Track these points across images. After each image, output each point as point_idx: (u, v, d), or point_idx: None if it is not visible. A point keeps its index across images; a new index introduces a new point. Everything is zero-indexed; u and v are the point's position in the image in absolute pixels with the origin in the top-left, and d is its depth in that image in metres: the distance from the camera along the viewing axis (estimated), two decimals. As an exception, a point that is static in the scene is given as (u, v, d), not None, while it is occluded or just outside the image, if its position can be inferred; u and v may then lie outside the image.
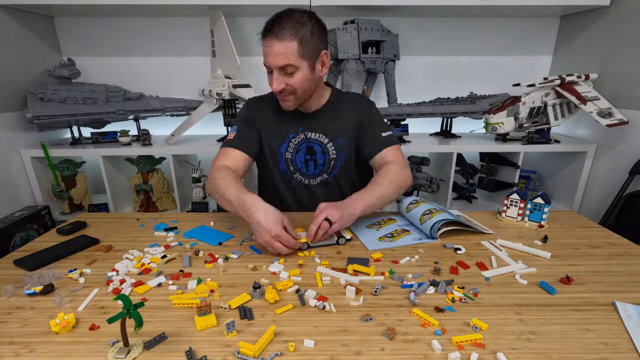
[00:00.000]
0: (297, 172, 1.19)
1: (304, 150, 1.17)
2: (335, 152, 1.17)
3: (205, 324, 0.62)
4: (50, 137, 1.85)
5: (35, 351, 0.57)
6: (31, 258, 0.85)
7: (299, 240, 0.87)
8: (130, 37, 1.88)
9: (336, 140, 1.16)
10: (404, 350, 0.57)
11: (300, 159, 1.18)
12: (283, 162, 1.18)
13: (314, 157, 1.18)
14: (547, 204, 1.00)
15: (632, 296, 0.70)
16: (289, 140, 1.16)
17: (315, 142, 1.16)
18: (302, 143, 1.16)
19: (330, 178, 1.20)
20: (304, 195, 1.23)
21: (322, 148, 1.17)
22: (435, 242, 0.93)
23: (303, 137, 1.16)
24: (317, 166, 1.19)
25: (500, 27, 1.92)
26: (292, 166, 1.18)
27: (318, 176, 1.20)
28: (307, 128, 1.15)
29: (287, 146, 1.16)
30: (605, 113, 1.54)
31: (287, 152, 1.17)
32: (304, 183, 1.21)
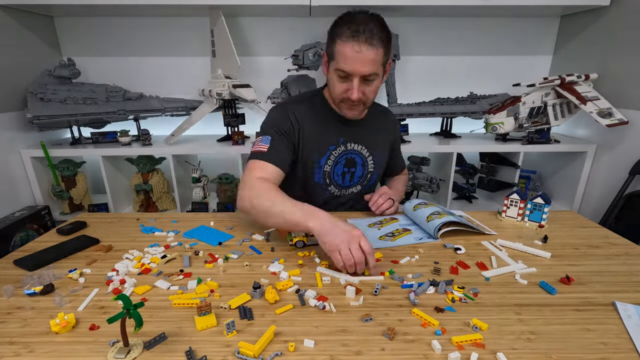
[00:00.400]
0: (332, 184, 1.14)
1: (343, 162, 1.12)
2: (374, 166, 1.16)
3: (205, 324, 0.62)
4: (50, 137, 1.85)
5: (35, 351, 0.57)
6: (31, 258, 0.85)
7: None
8: (130, 37, 1.88)
9: (376, 155, 1.15)
10: (404, 350, 0.57)
11: (339, 171, 1.13)
12: (320, 174, 1.11)
13: (352, 170, 1.14)
14: (547, 204, 1.00)
15: (632, 296, 0.70)
16: (329, 152, 1.09)
17: (356, 154, 1.12)
18: (342, 155, 1.11)
19: (363, 190, 1.18)
20: (331, 205, 1.18)
21: (363, 160, 1.14)
22: (435, 242, 0.93)
23: (344, 149, 1.10)
24: (354, 178, 1.15)
25: (500, 27, 1.92)
26: (328, 178, 1.12)
27: (351, 187, 1.17)
28: (349, 138, 1.10)
29: (326, 159, 1.09)
30: (605, 113, 1.54)
31: (326, 164, 1.10)
32: (335, 194, 1.16)
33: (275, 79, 1.83)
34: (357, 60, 0.89)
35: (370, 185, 1.21)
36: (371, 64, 0.90)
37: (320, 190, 1.14)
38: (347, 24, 0.90)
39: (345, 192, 1.17)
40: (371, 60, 0.89)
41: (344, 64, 0.91)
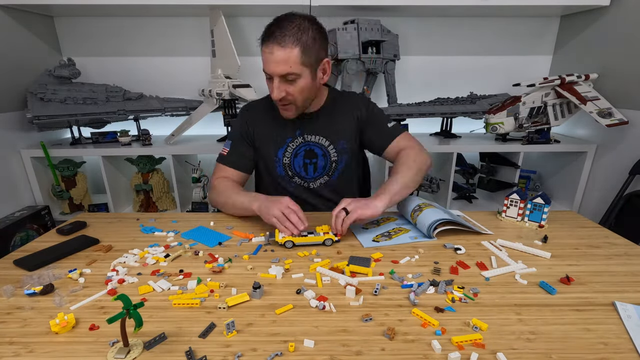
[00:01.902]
0: (295, 176, 1.18)
1: (302, 154, 1.15)
2: (337, 155, 1.16)
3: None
4: (50, 137, 1.86)
5: (35, 351, 0.57)
6: (31, 258, 0.85)
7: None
8: (130, 37, 1.88)
9: (337, 143, 1.15)
10: (404, 350, 0.57)
11: (299, 163, 1.16)
12: (280, 166, 1.16)
13: (313, 161, 1.16)
14: (547, 204, 1.00)
15: (632, 296, 0.70)
16: (287, 145, 1.14)
17: (315, 145, 1.14)
18: (301, 147, 1.14)
19: (333, 179, 1.19)
20: (307, 196, 1.21)
21: (323, 151, 1.15)
22: (436, 242, 0.93)
23: (302, 140, 1.14)
24: (317, 169, 1.17)
25: (500, 27, 1.92)
26: (290, 171, 1.17)
27: (319, 178, 1.19)
28: (306, 131, 1.13)
29: (284, 151, 1.14)
30: (605, 113, 1.54)
31: (284, 157, 1.15)
32: (303, 186, 1.19)
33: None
34: (270, 60, 0.94)
35: (340, 173, 1.18)
36: (284, 64, 0.93)
37: (286, 183, 1.19)
38: (266, 29, 0.95)
39: (314, 183, 1.19)
40: (283, 60, 0.93)
41: (264, 66, 0.98)
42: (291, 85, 0.97)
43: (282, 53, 0.92)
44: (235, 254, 0.87)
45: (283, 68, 0.94)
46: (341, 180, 1.20)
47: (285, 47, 0.92)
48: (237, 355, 0.55)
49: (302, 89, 0.99)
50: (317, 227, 0.95)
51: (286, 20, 0.94)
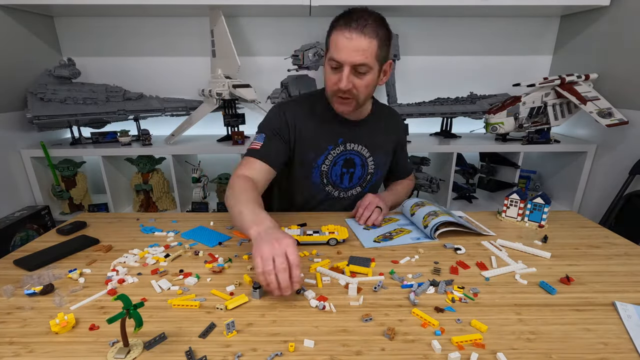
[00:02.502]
0: (330, 184, 1.13)
1: (341, 163, 1.11)
2: (374, 167, 1.15)
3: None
4: (50, 137, 1.86)
5: (35, 351, 0.57)
6: (31, 258, 0.85)
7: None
8: (130, 37, 1.88)
9: (377, 156, 1.14)
10: (404, 350, 0.57)
11: (337, 172, 1.12)
12: (317, 174, 1.10)
13: (350, 170, 1.13)
14: (547, 204, 1.00)
15: (632, 296, 0.70)
16: (328, 152, 1.08)
17: (355, 154, 1.11)
18: (341, 155, 1.10)
19: (364, 191, 1.17)
20: (333, 205, 1.17)
21: (362, 161, 1.12)
22: (436, 242, 0.93)
23: (342, 149, 1.09)
24: (353, 179, 1.14)
25: (500, 27, 1.92)
26: (326, 178, 1.12)
27: (351, 189, 1.16)
28: (348, 138, 1.09)
29: (324, 158, 1.09)
30: (605, 113, 1.54)
31: (323, 164, 1.09)
32: (333, 195, 1.15)
33: (275, 79, 1.83)
34: (348, 47, 0.88)
35: (370, 187, 1.19)
36: (362, 53, 0.89)
37: (317, 190, 1.14)
38: (344, 16, 0.91)
39: (345, 193, 1.16)
40: (362, 49, 0.88)
41: (335, 53, 0.91)
42: (359, 78, 0.93)
43: (362, 41, 0.88)
44: (235, 254, 0.87)
45: (360, 57, 0.89)
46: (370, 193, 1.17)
47: (367, 36, 0.88)
48: (237, 355, 0.55)
49: (367, 84, 0.94)
50: (323, 226, 0.95)
51: (365, 12, 0.91)
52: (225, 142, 1.81)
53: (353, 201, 1.15)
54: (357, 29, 0.87)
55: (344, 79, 0.91)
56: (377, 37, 0.90)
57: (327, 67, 0.95)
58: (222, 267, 0.81)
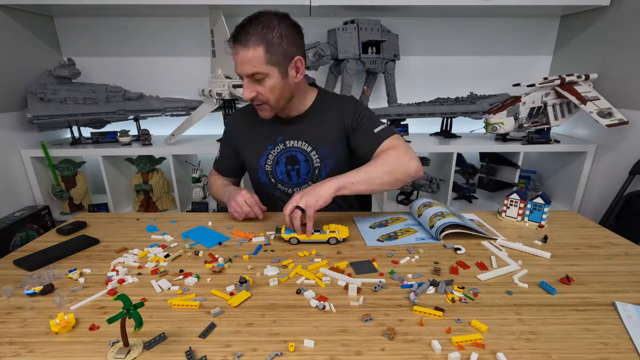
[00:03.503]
0: (279, 183, 1.16)
1: (284, 160, 1.13)
2: (320, 161, 1.12)
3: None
4: (50, 137, 1.86)
5: (35, 351, 0.57)
6: (31, 258, 0.85)
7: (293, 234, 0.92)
8: (130, 37, 1.88)
9: (319, 149, 1.11)
10: (404, 350, 0.57)
11: (281, 170, 1.14)
12: (263, 174, 1.15)
13: (295, 167, 1.13)
14: (547, 204, 1.00)
15: (632, 296, 0.70)
16: (268, 152, 1.13)
17: (297, 151, 1.12)
18: (282, 153, 1.12)
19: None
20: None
21: (306, 156, 1.12)
22: (436, 242, 0.93)
23: (282, 147, 1.12)
24: (301, 175, 1.14)
25: (500, 27, 1.92)
26: (272, 178, 1.15)
27: (303, 184, 1.15)
28: (288, 136, 1.11)
29: (265, 158, 1.13)
30: (605, 113, 1.54)
31: (266, 164, 1.14)
32: (288, 192, 1.17)
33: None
34: (237, 62, 0.95)
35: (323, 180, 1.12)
36: (248, 64, 0.93)
37: (271, 189, 1.18)
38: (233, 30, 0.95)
39: (298, 189, 1.15)
40: (247, 59, 0.93)
41: (235, 68, 0.97)
42: (260, 85, 0.97)
43: (246, 53, 0.92)
44: (235, 254, 0.87)
45: (249, 68, 0.94)
46: None
47: (249, 47, 0.91)
48: (237, 355, 0.55)
49: (272, 88, 0.97)
50: (324, 225, 0.95)
51: (252, 20, 0.93)
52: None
53: None
54: (239, 42, 0.93)
55: (244, 89, 0.98)
56: (263, 43, 0.91)
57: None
58: (222, 267, 0.81)
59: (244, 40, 0.92)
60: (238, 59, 0.94)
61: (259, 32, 0.91)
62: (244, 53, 0.92)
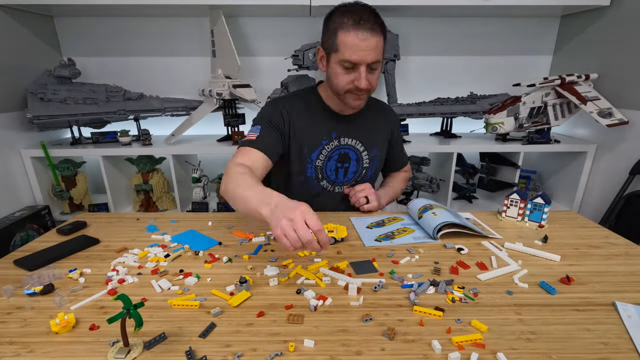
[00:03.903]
0: (324, 179, 1.14)
1: (335, 157, 1.11)
2: (369, 162, 1.15)
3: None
4: (50, 137, 1.86)
5: (35, 351, 0.57)
6: (31, 258, 0.85)
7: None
8: (130, 37, 1.88)
9: (371, 150, 1.14)
10: (404, 350, 0.57)
11: (331, 167, 1.12)
12: (312, 169, 1.11)
13: (345, 165, 1.13)
14: (547, 204, 1.00)
15: (632, 296, 0.70)
16: (322, 147, 1.09)
17: (350, 149, 1.11)
18: (335, 150, 1.10)
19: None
20: (329, 200, 1.17)
21: (357, 155, 1.12)
22: (436, 242, 0.93)
23: (337, 144, 1.10)
24: (348, 174, 1.14)
25: (500, 27, 1.92)
26: (320, 173, 1.12)
27: (345, 184, 1.16)
28: (342, 133, 1.10)
29: (318, 153, 1.09)
30: (605, 113, 1.54)
31: (317, 159, 1.10)
32: (329, 190, 1.16)
33: (275, 79, 1.83)
34: (363, 47, 0.90)
35: (367, 181, 1.19)
36: (375, 51, 0.92)
37: (312, 185, 1.14)
38: (347, 15, 0.91)
39: (339, 188, 1.17)
40: (375, 47, 0.91)
41: (350, 54, 0.91)
42: (372, 73, 0.96)
43: (375, 40, 0.91)
44: (235, 254, 0.87)
45: (374, 56, 0.92)
46: None
47: (377, 35, 0.91)
48: (237, 355, 0.55)
49: (377, 78, 0.98)
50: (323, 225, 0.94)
51: (367, 8, 0.93)
52: (225, 142, 1.81)
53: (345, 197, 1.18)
54: (367, 27, 0.89)
55: (363, 79, 0.93)
56: (383, 34, 0.93)
57: (337, 67, 0.96)
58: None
59: (374, 27, 0.90)
60: (366, 45, 0.90)
61: (380, 22, 0.92)
62: (372, 39, 0.90)
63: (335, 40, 0.93)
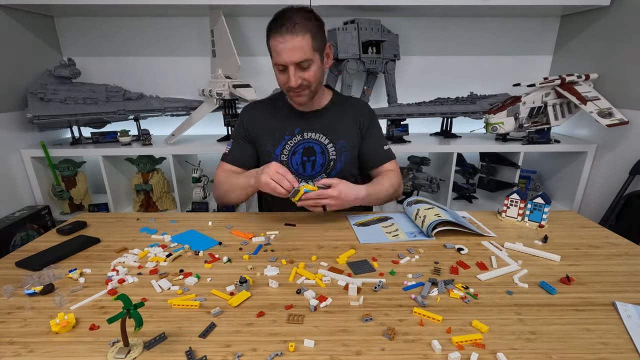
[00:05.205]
0: (293, 173, 1.14)
1: (300, 151, 1.16)
2: (335, 153, 1.16)
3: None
4: (50, 137, 1.86)
5: (35, 351, 0.57)
6: (35, 258, 0.84)
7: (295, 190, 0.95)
8: (130, 37, 1.88)
9: (337, 142, 1.16)
10: (404, 350, 0.57)
11: (297, 161, 1.17)
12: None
13: (311, 158, 1.16)
14: (547, 204, 1.00)
15: (632, 296, 0.70)
16: (285, 142, 1.15)
17: (314, 142, 1.15)
18: (299, 144, 1.15)
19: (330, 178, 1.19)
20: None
21: (322, 148, 1.16)
22: (436, 242, 0.93)
23: (300, 138, 1.15)
24: (315, 167, 1.18)
25: (500, 27, 1.92)
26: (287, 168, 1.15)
27: (316, 176, 1.19)
28: (306, 128, 1.15)
29: (282, 148, 1.15)
30: (605, 113, 1.54)
31: (282, 154, 1.15)
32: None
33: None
34: (285, 50, 0.96)
35: (336, 173, 1.19)
36: (299, 51, 0.96)
37: None
38: (273, 21, 0.98)
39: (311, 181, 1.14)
40: (298, 47, 0.96)
41: (277, 58, 0.99)
42: (305, 71, 1.01)
43: (296, 41, 0.96)
44: (235, 254, 0.87)
45: (299, 55, 0.97)
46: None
47: (298, 35, 0.95)
48: (237, 355, 0.55)
49: (315, 74, 1.02)
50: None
51: (290, 11, 0.98)
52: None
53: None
54: (287, 31, 0.95)
55: (292, 78, 1.00)
56: (308, 31, 0.97)
57: (275, 70, 1.04)
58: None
59: (292, 29, 0.95)
60: (287, 47, 0.96)
61: (304, 22, 0.96)
62: (294, 40, 0.95)
63: (269, 46, 1.01)
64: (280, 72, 1.03)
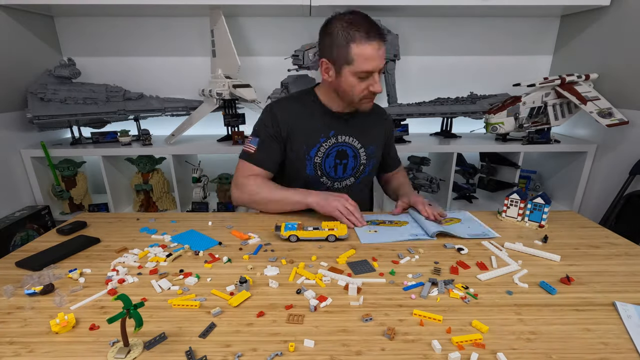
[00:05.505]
0: (324, 176, 1.17)
1: (334, 154, 1.15)
2: (366, 158, 1.18)
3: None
4: (50, 137, 1.86)
5: (35, 351, 0.57)
6: (35, 258, 0.84)
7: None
8: (130, 37, 1.87)
9: (368, 147, 1.18)
10: (404, 350, 0.57)
11: (330, 163, 1.16)
12: (311, 166, 1.14)
13: (344, 162, 1.16)
14: (547, 204, 1.00)
15: (632, 296, 0.70)
16: (320, 144, 1.13)
17: (347, 146, 1.15)
18: (333, 147, 1.14)
19: (357, 182, 1.21)
20: None
21: (355, 152, 1.16)
22: (436, 242, 0.93)
23: (334, 141, 1.14)
24: (347, 170, 1.18)
25: (500, 27, 1.92)
26: (319, 170, 1.16)
27: (345, 180, 1.19)
28: (340, 131, 1.14)
29: (317, 150, 1.13)
30: (605, 113, 1.54)
31: (316, 156, 1.13)
32: (328, 186, 1.19)
33: (275, 79, 1.83)
34: (377, 57, 0.98)
35: (363, 178, 1.22)
36: (384, 57, 1.00)
37: (313, 182, 1.17)
38: (353, 28, 0.96)
39: (339, 184, 1.20)
40: (384, 54, 1.00)
41: (367, 65, 0.98)
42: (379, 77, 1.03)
43: (384, 47, 0.99)
44: (235, 254, 0.87)
45: (384, 60, 1.01)
46: (363, 185, 1.24)
47: (384, 41, 0.99)
48: (237, 355, 0.55)
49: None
50: (323, 222, 0.95)
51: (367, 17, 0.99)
52: (225, 142, 1.81)
53: (346, 191, 1.18)
54: (380, 38, 0.97)
55: (378, 83, 1.01)
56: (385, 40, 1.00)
57: (352, 78, 1.01)
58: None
59: (382, 37, 0.98)
60: (379, 54, 0.98)
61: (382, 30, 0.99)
62: (383, 47, 0.99)
63: (349, 54, 0.97)
64: (360, 79, 1.01)
